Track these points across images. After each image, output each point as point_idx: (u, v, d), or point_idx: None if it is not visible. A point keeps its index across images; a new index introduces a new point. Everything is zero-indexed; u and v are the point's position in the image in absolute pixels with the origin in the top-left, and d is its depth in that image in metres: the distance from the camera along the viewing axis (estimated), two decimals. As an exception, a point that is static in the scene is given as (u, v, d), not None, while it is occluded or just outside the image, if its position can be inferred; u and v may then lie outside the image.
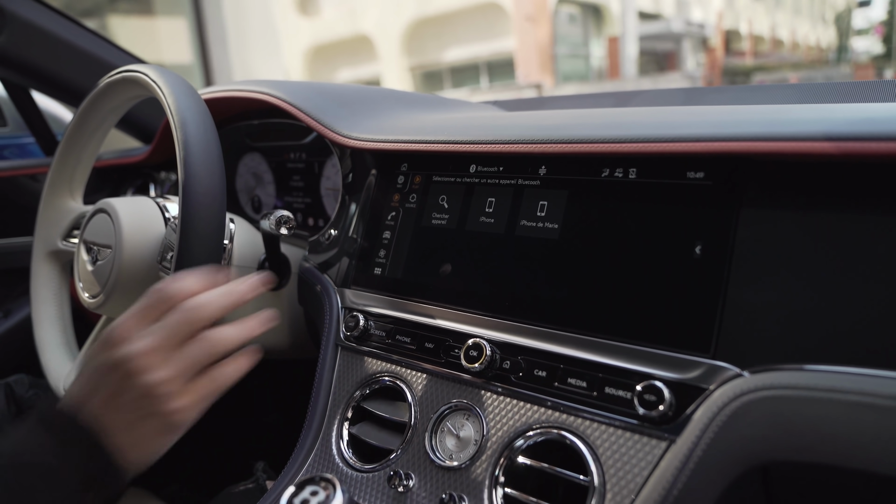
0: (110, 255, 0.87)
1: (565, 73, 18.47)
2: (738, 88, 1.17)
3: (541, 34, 16.48)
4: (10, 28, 1.18)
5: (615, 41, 18.72)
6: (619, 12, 18.49)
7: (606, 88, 17.19)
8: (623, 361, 0.58)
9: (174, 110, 0.76)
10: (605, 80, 18.83)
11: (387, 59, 18.11)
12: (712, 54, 23.03)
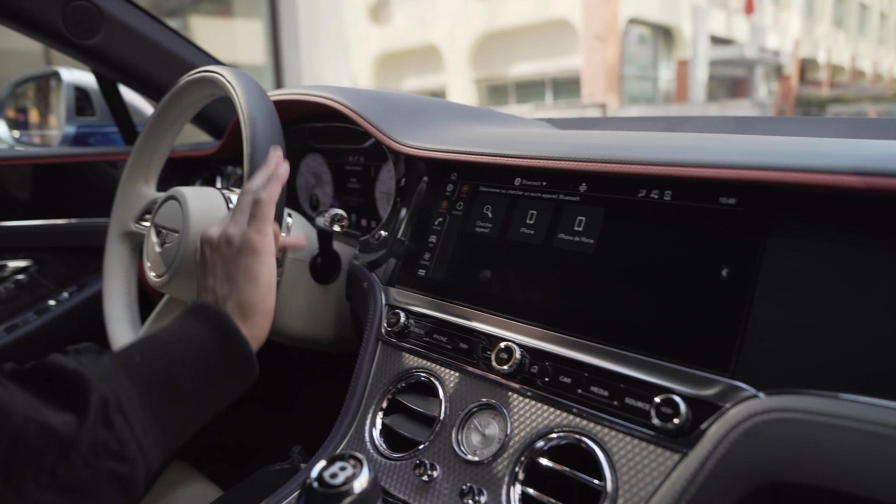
0: (177, 239, 0.93)
1: (631, 94, 18.28)
2: (787, 119, 1.17)
3: (609, 53, 16.37)
4: (106, 28, 1.29)
5: (684, 65, 18.45)
6: (690, 35, 18.22)
7: (672, 112, 16.95)
8: (644, 374, 0.61)
9: (245, 110, 0.82)
10: (672, 104, 18.54)
11: (453, 70, 18.27)
12: (786, 83, 22.43)
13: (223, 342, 0.62)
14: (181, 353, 0.59)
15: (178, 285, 0.95)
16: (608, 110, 14.23)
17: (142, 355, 0.57)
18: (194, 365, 0.59)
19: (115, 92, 1.49)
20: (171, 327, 0.62)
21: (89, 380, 0.51)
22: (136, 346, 0.59)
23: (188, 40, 1.44)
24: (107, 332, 1.07)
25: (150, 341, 0.59)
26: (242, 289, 0.67)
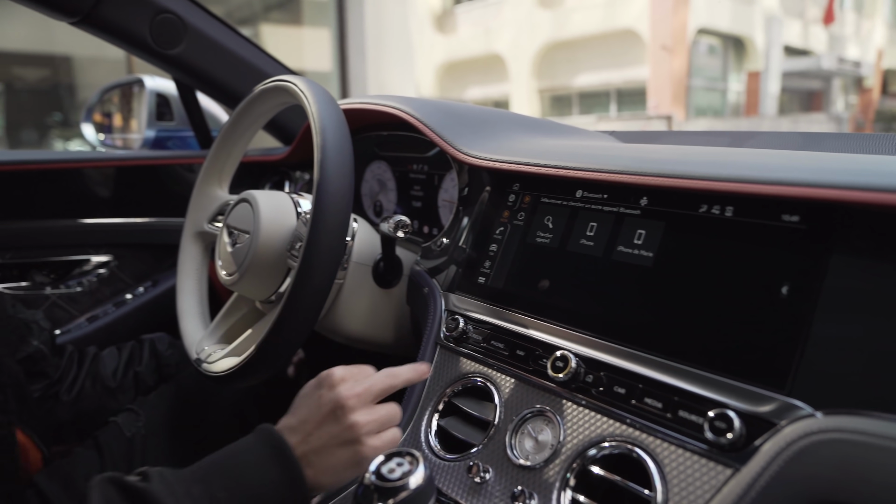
0: (248, 240, 0.98)
1: (699, 106, 17.86)
2: (859, 136, 1.14)
3: (676, 64, 16.06)
4: (189, 38, 1.36)
5: (756, 76, 17.92)
6: (763, 46, 17.70)
7: (741, 126, 16.48)
8: (699, 388, 0.61)
9: (316, 118, 0.86)
10: (741, 117, 18.03)
11: (517, 80, 18.26)
12: (866, 95, 21.49)
13: (292, 497, 0.68)
14: (257, 496, 0.66)
15: (246, 284, 1.00)
16: (674, 123, 13.95)
17: (226, 493, 0.65)
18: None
19: (193, 99, 1.57)
20: (251, 461, 0.68)
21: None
22: (219, 479, 0.66)
23: (263, 50, 1.51)
24: (179, 326, 1.13)
25: (232, 478, 0.66)
26: (325, 466, 0.70)
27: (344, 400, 0.72)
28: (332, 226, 0.80)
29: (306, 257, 0.79)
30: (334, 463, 0.70)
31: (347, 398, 0.72)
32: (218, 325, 1.11)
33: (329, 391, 0.73)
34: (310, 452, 0.70)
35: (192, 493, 0.63)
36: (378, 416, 0.73)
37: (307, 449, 0.70)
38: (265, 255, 0.96)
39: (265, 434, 0.71)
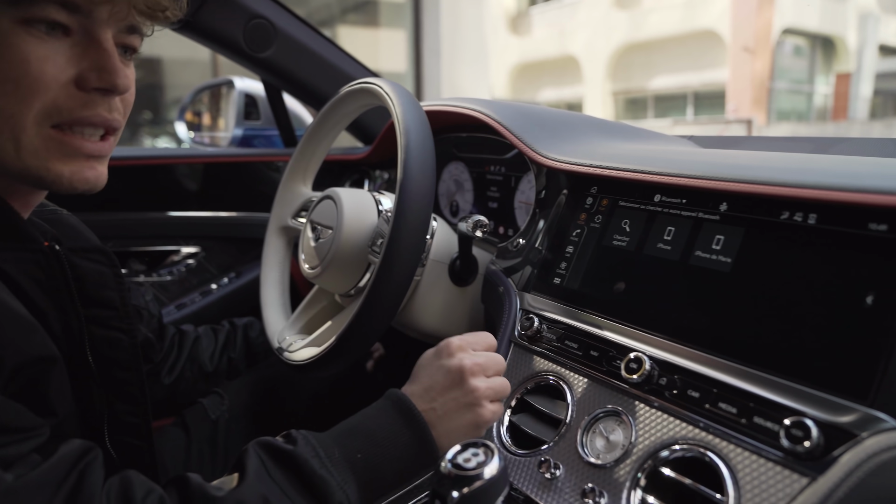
0: (330, 235, 1.02)
1: (781, 110, 17.16)
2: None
3: (758, 66, 15.49)
4: (278, 42, 1.43)
5: (846, 78, 17.06)
6: (856, 46, 16.83)
7: (827, 130, 15.74)
8: (776, 395, 0.61)
9: (401, 119, 0.89)
10: (827, 122, 17.20)
11: (591, 82, 18.02)
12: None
13: (424, 452, 0.73)
14: (390, 457, 0.71)
15: (328, 278, 1.05)
16: (754, 127, 13.47)
17: (363, 454, 0.70)
18: (398, 466, 0.72)
19: (279, 99, 1.65)
20: (384, 424, 0.73)
21: (331, 486, 0.66)
22: (356, 442, 0.71)
23: (347, 53, 1.56)
24: (262, 316, 1.18)
25: (367, 440, 0.71)
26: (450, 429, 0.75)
27: (466, 366, 0.76)
28: (413, 224, 0.83)
29: (388, 254, 0.83)
30: (457, 425, 0.75)
31: (469, 365, 0.76)
32: (299, 316, 1.16)
33: (450, 358, 0.78)
34: (434, 417, 0.74)
35: (333, 455, 0.68)
36: (494, 384, 0.78)
37: (432, 414, 0.75)
38: (347, 251, 1.00)
39: (395, 399, 0.75)
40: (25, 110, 0.61)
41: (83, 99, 0.64)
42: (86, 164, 0.66)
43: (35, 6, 0.59)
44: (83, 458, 0.59)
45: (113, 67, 0.65)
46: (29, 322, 0.62)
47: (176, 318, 1.58)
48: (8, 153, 0.62)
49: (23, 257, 0.66)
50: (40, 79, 0.61)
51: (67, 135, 0.64)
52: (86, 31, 0.64)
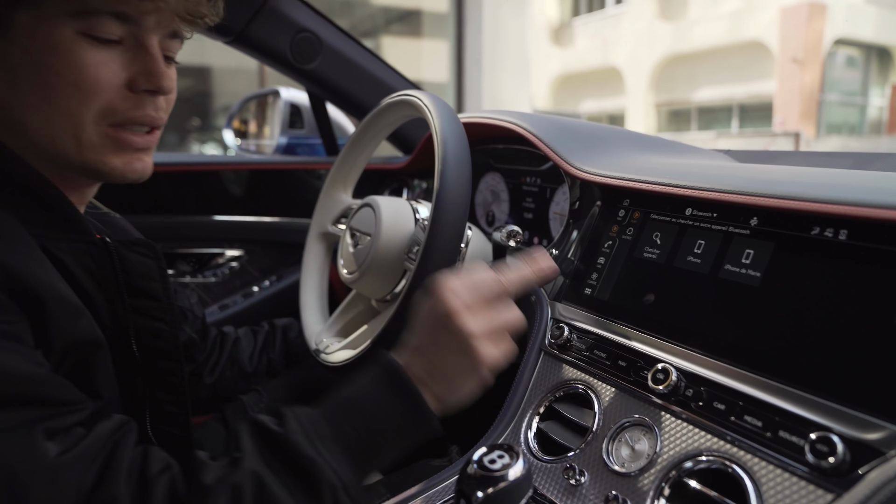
0: (369, 242, 1.06)
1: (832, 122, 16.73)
2: None
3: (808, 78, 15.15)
4: (323, 55, 1.48)
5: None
6: (911, 58, 16.33)
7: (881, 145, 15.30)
8: (802, 409, 0.61)
9: (439, 131, 0.92)
10: (882, 135, 16.70)
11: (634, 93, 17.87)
12: None
13: (418, 418, 0.72)
14: (383, 429, 0.70)
15: (365, 283, 1.08)
16: (802, 140, 13.17)
17: (354, 428, 0.69)
18: (391, 437, 0.71)
19: (323, 109, 1.70)
20: (373, 394, 0.72)
21: (321, 468, 0.65)
22: (344, 416, 0.70)
23: (389, 66, 1.61)
24: (301, 318, 1.22)
25: (359, 414, 0.70)
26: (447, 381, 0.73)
27: (453, 309, 0.72)
28: (448, 232, 0.86)
29: (423, 261, 0.85)
30: (452, 376, 0.73)
31: (457, 306, 0.72)
32: (336, 320, 1.20)
33: (437, 301, 0.74)
34: (429, 371, 0.73)
35: (323, 432, 0.68)
36: (493, 320, 0.74)
37: (428, 368, 0.73)
38: (384, 257, 1.03)
39: (383, 363, 0.73)
40: (85, 111, 0.68)
41: (134, 100, 0.71)
42: (135, 157, 0.73)
43: (94, 18, 0.66)
44: (117, 432, 0.63)
45: (159, 71, 0.71)
46: (79, 308, 0.67)
47: (219, 318, 1.63)
48: (70, 148, 0.69)
49: (77, 248, 0.71)
50: (98, 83, 0.67)
51: (120, 131, 0.71)
52: (135, 39, 0.70)
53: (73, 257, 0.71)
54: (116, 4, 0.66)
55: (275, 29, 1.40)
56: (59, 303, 0.63)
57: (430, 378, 0.73)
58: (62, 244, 0.70)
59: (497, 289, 0.76)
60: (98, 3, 0.65)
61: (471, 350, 0.72)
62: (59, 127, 0.68)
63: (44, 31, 0.65)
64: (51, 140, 0.68)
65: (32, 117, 0.67)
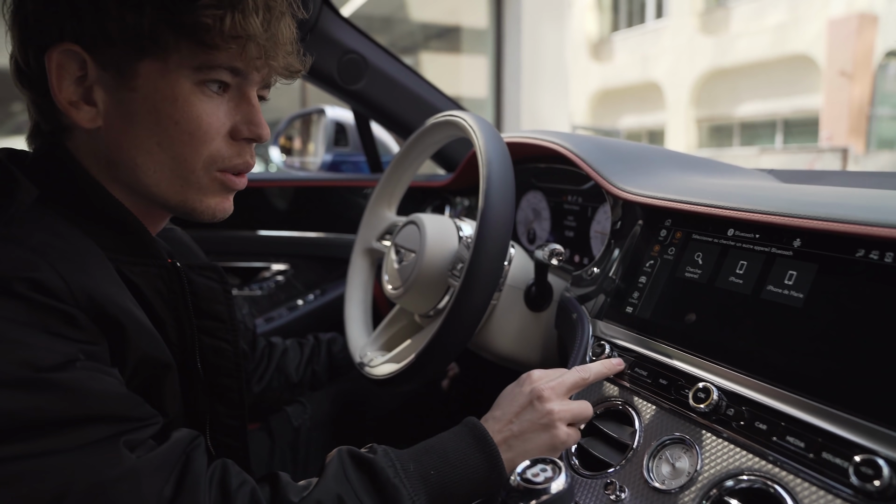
0: (413, 258, 1.09)
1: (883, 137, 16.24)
2: None
3: (857, 91, 14.78)
4: (369, 75, 1.53)
5: (956, 105, 16.05)
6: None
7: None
8: (846, 431, 0.62)
9: (483, 152, 0.94)
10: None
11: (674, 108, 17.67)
12: None
13: (492, 476, 0.78)
14: (461, 478, 0.77)
15: (409, 298, 1.11)
16: (850, 156, 12.84)
17: (436, 471, 0.76)
18: (467, 488, 0.77)
19: (367, 128, 1.74)
20: (458, 446, 0.79)
21: (402, 496, 0.72)
22: (430, 460, 0.77)
23: (433, 86, 1.64)
24: (345, 332, 1.26)
25: (441, 459, 0.77)
26: (525, 450, 0.80)
27: (540, 391, 0.82)
28: (492, 251, 0.88)
29: (468, 278, 0.88)
30: (533, 446, 0.80)
31: (543, 389, 0.82)
32: (380, 334, 1.23)
33: (527, 386, 0.84)
34: (510, 438, 0.80)
35: (409, 468, 0.75)
36: (571, 407, 0.83)
37: (508, 435, 0.80)
38: (428, 273, 1.06)
39: (469, 424, 0.82)
40: (196, 157, 0.73)
41: (236, 148, 0.76)
42: (227, 198, 0.78)
43: (213, 71, 0.71)
44: (191, 444, 0.67)
45: (260, 121, 0.76)
46: (151, 330, 0.71)
47: (264, 330, 1.68)
48: (174, 189, 0.74)
49: (149, 272, 0.76)
50: (209, 131, 0.72)
51: (225, 175, 0.76)
52: (239, 89, 0.75)
53: (145, 280, 0.75)
54: (233, 60, 0.71)
55: (323, 51, 1.45)
56: (134, 325, 0.68)
57: (508, 445, 0.80)
58: (136, 268, 0.74)
59: (577, 380, 0.85)
60: (219, 59, 0.70)
61: (553, 427, 0.81)
62: (169, 169, 0.72)
63: (166, 81, 0.69)
64: (156, 181, 0.73)
65: (143, 159, 0.72)
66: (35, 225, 0.64)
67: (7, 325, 0.57)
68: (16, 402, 0.55)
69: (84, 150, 0.73)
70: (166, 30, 0.67)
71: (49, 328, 0.59)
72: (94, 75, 0.69)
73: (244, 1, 0.69)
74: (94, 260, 0.67)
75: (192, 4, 0.67)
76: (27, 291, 0.58)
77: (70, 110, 0.70)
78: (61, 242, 0.65)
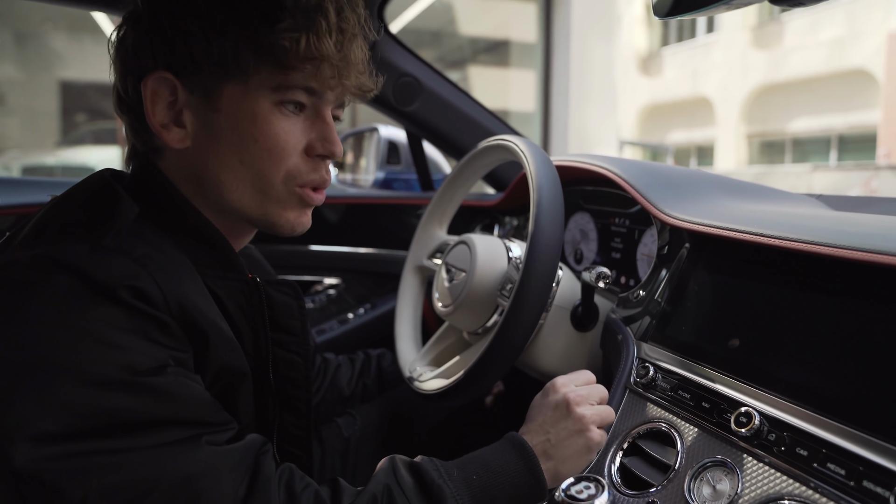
0: (464, 277, 1.13)
1: (945, 155, 15.66)
2: None
3: (917, 109, 14.31)
4: (423, 98, 1.59)
5: None
6: None
7: None
8: (887, 461, 0.63)
9: (534, 176, 0.98)
10: None
11: (724, 124, 17.38)
12: None
13: (532, 482, 0.83)
14: (502, 482, 0.81)
15: (459, 316, 1.15)
16: (909, 174, 12.41)
17: (478, 476, 0.81)
18: (508, 492, 0.82)
19: (419, 147, 1.80)
20: (498, 456, 0.84)
21: (446, 495, 0.77)
22: (473, 467, 0.82)
23: (485, 108, 1.69)
24: (396, 347, 1.30)
25: (483, 466, 0.82)
26: (563, 456, 0.86)
27: (571, 398, 0.87)
28: (541, 273, 0.92)
29: (517, 298, 0.92)
30: (571, 452, 0.85)
31: (574, 397, 0.87)
32: (429, 349, 1.27)
33: (556, 394, 0.89)
34: (549, 447, 0.85)
35: (453, 474, 0.80)
36: (599, 411, 0.88)
37: (546, 445, 0.85)
38: (478, 292, 1.10)
39: (510, 437, 0.87)
40: (276, 173, 0.79)
41: (312, 164, 0.81)
42: (305, 213, 0.84)
43: (290, 92, 0.77)
44: (261, 448, 0.73)
45: (334, 138, 0.82)
46: (232, 341, 0.77)
47: (318, 342, 1.74)
48: (255, 203, 0.80)
49: (232, 286, 0.82)
50: (286, 148, 0.78)
51: (304, 190, 0.82)
52: (315, 109, 0.81)
53: (227, 293, 0.81)
54: (309, 81, 0.77)
55: (379, 74, 1.51)
56: (217, 335, 0.74)
57: (547, 453, 0.85)
58: (220, 281, 0.81)
59: (603, 394, 0.91)
60: (295, 79, 0.76)
61: (587, 431, 0.86)
62: (250, 185, 0.79)
63: (247, 102, 0.76)
64: (239, 196, 0.79)
65: (227, 176, 0.78)
66: (138, 238, 0.71)
67: (110, 329, 0.63)
68: (115, 401, 0.62)
69: (174, 170, 0.80)
70: (247, 53, 0.74)
71: (147, 334, 0.65)
72: (184, 99, 0.77)
73: (318, 23, 0.75)
74: (186, 272, 0.74)
75: (271, 28, 0.73)
76: (130, 299, 0.65)
77: (162, 132, 0.77)
78: (159, 255, 0.71)
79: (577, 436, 0.85)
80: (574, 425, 0.86)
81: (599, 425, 0.87)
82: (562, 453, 0.85)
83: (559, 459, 0.85)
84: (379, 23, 1.47)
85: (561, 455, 0.85)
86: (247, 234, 0.89)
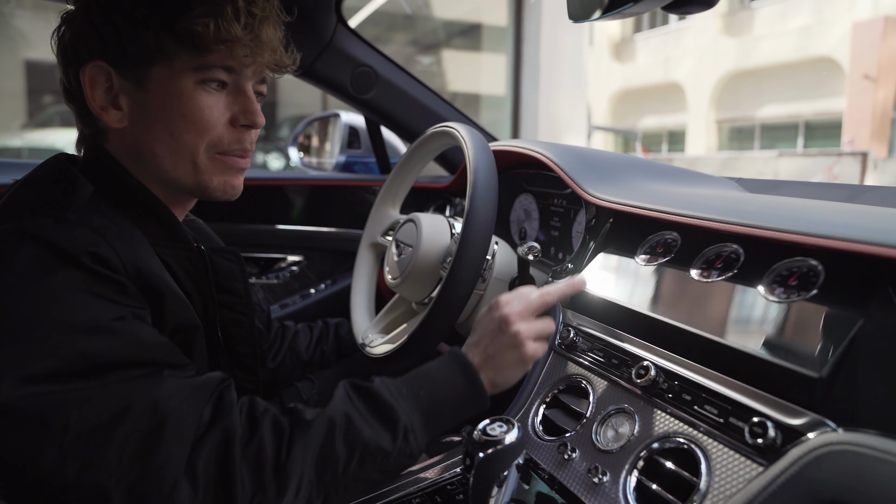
0: (410, 252, 1.22)
1: (907, 142, 16.10)
2: None
3: (881, 95, 14.66)
4: (379, 86, 1.68)
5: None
6: None
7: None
8: (748, 400, 0.75)
9: (471, 159, 1.08)
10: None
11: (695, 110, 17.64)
12: None
13: (474, 392, 0.94)
14: (448, 396, 0.92)
15: (406, 288, 1.25)
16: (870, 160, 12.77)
17: (425, 391, 0.91)
18: (454, 403, 0.92)
19: (378, 133, 1.89)
20: (442, 371, 0.94)
21: (398, 412, 0.86)
22: (420, 383, 0.92)
23: (438, 95, 1.79)
24: (351, 317, 1.40)
25: (429, 381, 0.92)
26: (499, 367, 0.96)
27: (507, 315, 0.96)
28: (475, 245, 1.02)
29: (452, 269, 1.02)
30: (505, 364, 0.96)
31: (510, 314, 0.96)
32: (381, 319, 1.37)
33: (496, 311, 0.98)
34: (487, 360, 0.95)
35: (402, 391, 0.90)
36: (534, 325, 0.97)
37: (484, 357, 0.95)
38: (422, 265, 1.20)
39: (453, 351, 0.97)
40: (200, 142, 0.89)
41: (237, 134, 0.92)
42: (235, 176, 0.94)
43: (210, 71, 0.87)
44: (223, 382, 0.82)
45: (255, 109, 0.92)
46: (184, 299, 0.87)
47: (279, 315, 1.83)
48: (187, 172, 0.90)
49: (179, 254, 0.92)
50: (210, 121, 0.89)
51: (226, 157, 0.92)
52: (236, 85, 0.91)
53: (175, 261, 0.91)
54: (226, 60, 0.87)
55: (337, 64, 1.60)
56: (171, 294, 0.83)
57: (485, 365, 0.95)
58: (168, 250, 0.90)
59: (540, 302, 0.99)
60: (213, 60, 0.86)
61: (520, 346, 0.95)
62: (179, 156, 0.89)
63: (172, 82, 0.86)
64: (172, 166, 0.89)
65: (160, 149, 0.88)
66: (95, 212, 0.81)
67: (74, 292, 0.72)
68: (87, 344, 0.71)
69: (118, 149, 0.90)
70: (168, 40, 0.84)
71: (107, 294, 0.75)
72: (118, 84, 0.87)
73: (225, 10, 0.85)
74: (139, 241, 0.83)
75: (186, 15, 0.83)
76: (91, 263, 0.74)
77: (102, 115, 0.87)
78: (114, 226, 0.81)
79: (512, 350, 0.95)
80: (509, 340, 0.95)
81: (536, 338, 0.97)
82: (498, 364, 0.95)
83: (496, 370, 0.95)
84: (336, 18, 1.56)
85: (497, 366, 0.95)
86: (187, 202, 0.98)
